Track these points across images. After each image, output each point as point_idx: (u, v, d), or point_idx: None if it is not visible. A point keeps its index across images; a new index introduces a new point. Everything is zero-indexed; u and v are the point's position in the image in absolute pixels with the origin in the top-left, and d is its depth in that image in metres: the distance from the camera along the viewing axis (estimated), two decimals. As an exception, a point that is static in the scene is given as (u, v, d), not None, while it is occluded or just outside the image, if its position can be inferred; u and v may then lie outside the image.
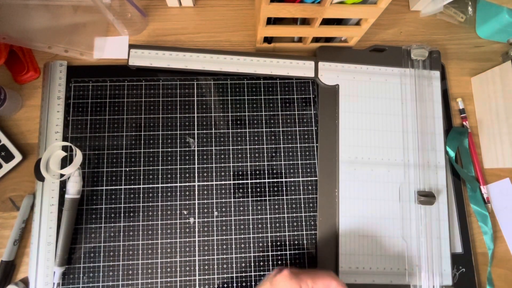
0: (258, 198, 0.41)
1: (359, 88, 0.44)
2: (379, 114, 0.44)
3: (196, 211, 0.40)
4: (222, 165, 0.42)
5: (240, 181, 0.41)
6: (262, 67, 0.43)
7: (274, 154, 0.43)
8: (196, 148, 0.42)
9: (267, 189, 0.41)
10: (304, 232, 0.41)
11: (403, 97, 0.44)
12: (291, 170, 0.42)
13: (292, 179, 0.42)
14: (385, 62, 0.45)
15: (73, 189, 0.38)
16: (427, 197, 0.40)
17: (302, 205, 0.41)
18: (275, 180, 0.42)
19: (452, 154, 0.44)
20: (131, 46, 0.42)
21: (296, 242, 0.40)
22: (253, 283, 0.39)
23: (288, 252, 0.40)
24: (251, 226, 0.40)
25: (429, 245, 0.40)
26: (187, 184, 0.41)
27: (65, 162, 0.40)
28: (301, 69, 0.43)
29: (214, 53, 0.43)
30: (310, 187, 0.42)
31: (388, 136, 0.43)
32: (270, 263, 0.39)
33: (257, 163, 0.42)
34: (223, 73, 0.43)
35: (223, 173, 0.41)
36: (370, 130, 0.43)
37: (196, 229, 0.40)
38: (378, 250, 0.40)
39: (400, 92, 0.45)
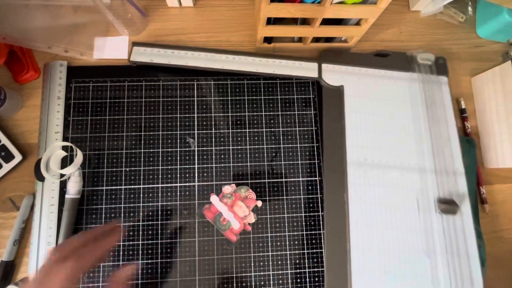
0: (258, 198, 0.41)
1: (366, 90, 0.43)
2: (388, 116, 0.42)
3: (196, 211, 0.40)
4: (222, 165, 0.42)
5: (240, 181, 0.41)
6: (265, 67, 0.42)
7: (274, 155, 0.43)
8: (196, 148, 0.42)
9: (267, 189, 0.41)
10: (304, 232, 0.41)
11: (412, 100, 0.43)
12: (291, 170, 0.42)
13: (292, 179, 0.42)
14: (390, 66, 0.44)
15: (73, 189, 0.38)
16: (448, 204, 0.36)
17: (302, 205, 0.41)
18: (275, 180, 0.42)
19: None
20: (135, 44, 0.43)
21: (296, 242, 0.40)
22: (253, 283, 0.39)
23: (288, 252, 0.40)
24: (251, 226, 0.40)
25: (456, 263, 0.36)
26: (187, 184, 0.41)
27: (65, 162, 0.40)
28: (304, 69, 0.43)
29: (216, 52, 0.43)
30: (310, 187, 0.42)
31: (399, 139, 0.41)
32: (270, 263, 0.39)
33: (257, 163, 0.42)
34: (225, 71, 0.42)
35: (223, 173, 0.41)
36: (379, 132, 0.42)
37: (196, 229, 0.40)
38: (397, 268, 0.36)
39: (408, 95, 0.43)
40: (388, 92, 0.43)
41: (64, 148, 0.40)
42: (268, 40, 0.44)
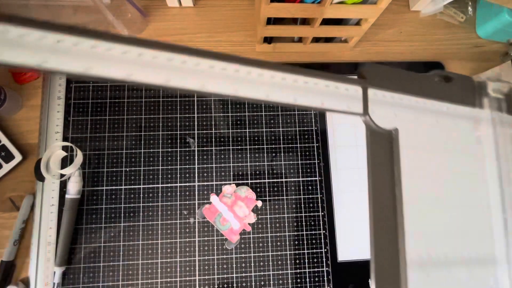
0: (258, 198, 0.41)
1: (424, 136, 0.28)
2: (450, 180, 0.29)
3: (196, 211, 0.40)
4: (222, 165, 0.42)
5: (240, 181, 0.41)
6: (279, 90, 0.22)
7: (274, 155, 0.43)
8: (196, 148, 0.42)
9: (267, 189, 0.41)
10: (304, 232, 0.41)
11: (481, 152, 0.30)
12: (291, 170, 0.42)
13: (292, 179, 0.42)
14: (451, 97, 0.30)
15: (74, 189, 0.38)
16: None
17: (302, 205, 0.41)
18: (275, 180, 0.42)
19: None
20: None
21: (296, 242, 0.40)
22: (253, 283, 0.39)
23: (288, 252, 0.40)
24: (251, 226, 0.40)
25: None
26: (187, 184, 0.41)
27: (65, 162, 0.40)
28: (342, 98, 0.25)
29: (199, 55, 0.20)
30: (310, 187, 0.42)
31: (465, 216, 0.29)
32: (270, 263, 0.39)
33: (257, 163, 0.42)
34: (203, 94, 0.21)
35: (223, 173, 0.41)
36: (442, 207, 0.28)
37: (196, 229, 0.40)
38: None
39: (475, 145, 0.30)
40: (450, 140, 0.29)
41: (64, 148, 0.40)
42: (268, 40, 0.44)
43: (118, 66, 0.19)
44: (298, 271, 0.39)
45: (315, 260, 0.40)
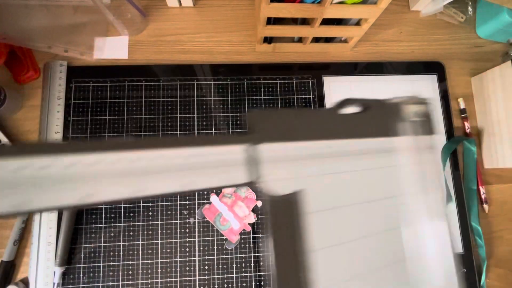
0: (258, 198, 0.41)
1: (338, 189, 0.22)
2: (373, 238, 0.23)
3: (196, 211, 0.40)
4: (222, 165, 0.42)
5: (240, 181, 0.41)
6: (110, 179, 0.15)
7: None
8: (196, 148, 0.42)
9: (267, 189, 0.41)
10: (304, 232, 0.41)
11: (402, 190, 0.24)
12: (291, 170, 0.42)
13: (292, 179, 0.42)
14: (366, 129, 0.24)
15: (73, 189, 0.38)
16: None
17: (302, 205, 0.41)
18: (275, 180, 0.42)
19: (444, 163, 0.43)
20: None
21: (296, 242, 0.40)
22: (253, 283, 0.39)
23: (288, 252, 0.40)
24: (251, 226, 0.40)
25: None
26: (187, 184, 0.41)
27: (65, 162, 0.40)
28: (219, 168, 0.18)
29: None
30: (310, 187, 0.42)
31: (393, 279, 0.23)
32: (270, 263, 0.39)
33: (257, 163, 0.42)
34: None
35: (223, 173, 0.41)
36: (366, 276, 0.22)
37: (196, 229, 0.40)
38: None
39: (396, 185, 0.24)
40: (368, 186, 0.23)
41: (64, 148, 0.40)
42: (268, 40, 0.44)
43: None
44: (298, 271, 0.39)
45: (315, 260, 0.40)
